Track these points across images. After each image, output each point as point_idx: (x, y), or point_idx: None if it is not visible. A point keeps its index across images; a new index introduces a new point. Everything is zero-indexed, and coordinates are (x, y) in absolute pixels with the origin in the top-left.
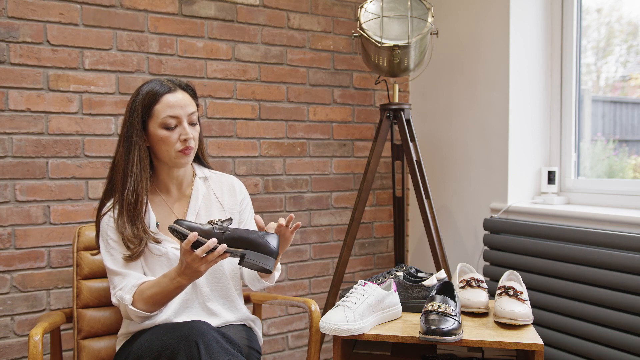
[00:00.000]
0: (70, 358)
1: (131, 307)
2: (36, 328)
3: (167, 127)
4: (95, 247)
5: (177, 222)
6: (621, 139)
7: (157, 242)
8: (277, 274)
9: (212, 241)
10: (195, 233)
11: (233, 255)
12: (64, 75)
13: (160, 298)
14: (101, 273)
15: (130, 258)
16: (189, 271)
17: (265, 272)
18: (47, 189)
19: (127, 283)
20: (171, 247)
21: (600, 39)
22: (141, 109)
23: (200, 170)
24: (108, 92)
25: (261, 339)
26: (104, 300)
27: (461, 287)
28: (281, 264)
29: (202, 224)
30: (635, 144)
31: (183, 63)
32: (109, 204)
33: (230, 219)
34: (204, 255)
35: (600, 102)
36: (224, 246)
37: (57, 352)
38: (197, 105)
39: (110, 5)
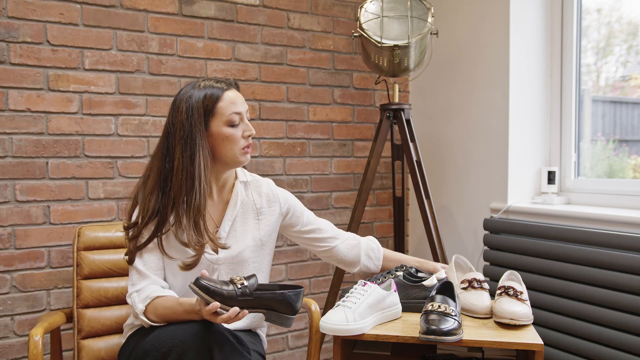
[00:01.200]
0: (70, 358)
1: (142, 317)
2: (36, 328)
3: (232, 124)
4: (95, 247)
5: (197, 283)
6: (621, 139)
7: (225, 247)
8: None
9: (234, 311)
10: (216, 304)
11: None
12: (64, 75)
13: (171, 319)
14: (101, 273)
15: (188, 267)
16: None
17: (285, 326)
18: (47, 189)
19: (144, 288)
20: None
21: (600, 39)
22: (203, 109)
23: (243, 174)
24: (108, 92)
25: (265, 344)
26: (104, 300)
27: (463, 288)
28: (282, 263)
29: (224, 286)
30: (635, 144)
31: (183, 63)
32: (154, 205)
33: (254, 276)
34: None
35: (600, 102)
36: (244, 313)
37: (57, 352)
38: None
39: (110, 5)
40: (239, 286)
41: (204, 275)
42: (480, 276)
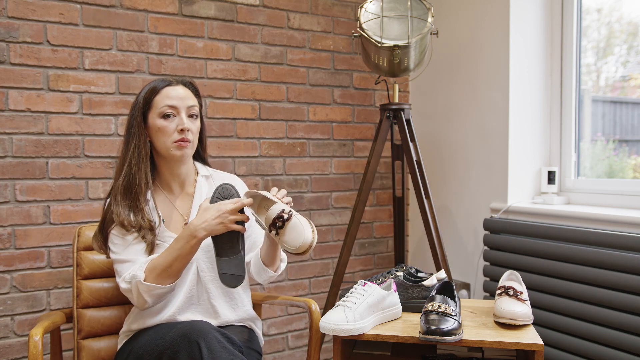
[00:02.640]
0: (70, 358)
1: (144, 282)
2: (36, 328)
3: (165, 116)
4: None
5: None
6: (621, 139)
7: (152, 228)
8: (282, 264)
9: (249, 200)
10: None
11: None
12: (64, 75)
13: (172, 263)
14: (101, 273)
15: (150, 249)
16: (211, 223)
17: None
18: (47, 189)
19: (134, 267)
20: None
21: (600, 39)
22: (142, 102)
23: (204, 169)
24: (108, 92)
25: (262, 340)
26: (104, 300)
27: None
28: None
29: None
30: (635, 144)
31: (183, 63)
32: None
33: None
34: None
35: (600, 102)
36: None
37: (57, 352)
38: (200, 103)
39: (110, 5)
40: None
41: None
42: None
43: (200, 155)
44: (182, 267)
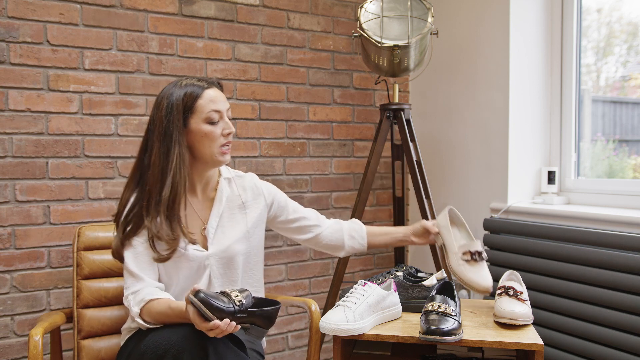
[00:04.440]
0: (70, 358)
1: (138, 319)
2: (36, 328)
3: (211, 122)
4: (95, 247)
5: (198, 296)
6: (621, 139)
7: (194, 243)
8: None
9: (225, 323)
10: (216, 322)
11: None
12: (64, 75)
13: (165, 321)
14: (101, 273)
15: (159, 259)
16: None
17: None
18: (47, 189)
19: (140, 290)
20: (193, 249)
21: (600, 39)
22: (182, 106)
23: (227, 171)
24: (108, 92)
25: (264, 342)
26: (104, 300)
27: (465, 261)
28: (282, 263)
29: (221, 300)
30: (635, 144)
31: (183, 63)
32: (132, 199)
33: (248, 291)
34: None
35: (600, 102)
36: (236, 328)
37: (57, 352)
38: None
39: (110, 5)
40: (237, 302)
41: (195, 288)
42: (478, 247)
43: None
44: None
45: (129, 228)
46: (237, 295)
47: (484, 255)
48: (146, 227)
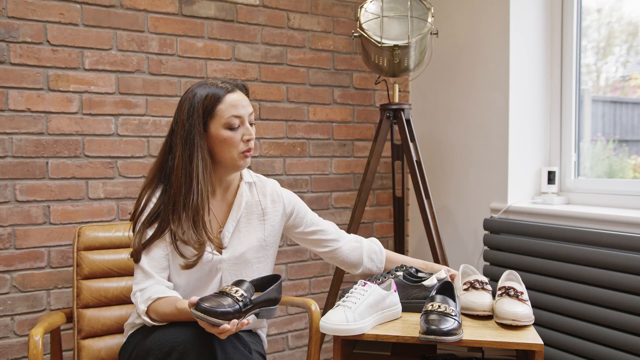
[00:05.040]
0: (70, 358)
1: (144, 317)
2: (36, 328)
3: (231, 128)
4: (95, 247)
5: (200, 308)
6: (621, 139)
7: (221, 247)
8: (375, 260)
9: (233, 323)
10: (224, 326)
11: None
12: (64, 75)
13: (171, 320)
14: (101, 273)
15: (186, 266)
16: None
17: (271, 317)
18: (47, 189)
19: (148, 288)
20: (207, 252)
21: (600, 39)
22: (202, 109)
23: (248, 175)
24: (108, 92)
25: (266, 343)
26: (104, 300)
27: (465, 289)
28: (282, 263)
29: (224, 302)
30: (635, 144)
31: (183, 63)
32: (154, 199)
33: (245, 281)
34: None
35: (600, 102)
36: (245, 323)
37: (57, 352)
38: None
39: (110, 5)
40: (239, 298)
41: (193, 301)
42: (483, 278)
43: None
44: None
45: (153, 231)
46: (236, 291)
47: (487, 286)
48: (170, 231)
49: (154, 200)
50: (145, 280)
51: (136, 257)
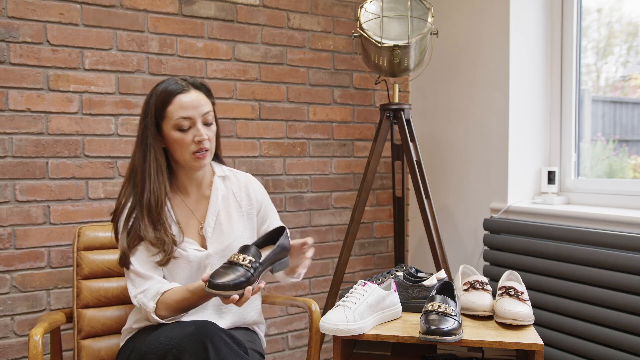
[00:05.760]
0: (70, 358)
1: (153, 315)
2: (36, 328)
3: (181, 129)
4: (95, 247)
5: (213, 285)
6: (621, 139)
7: (175, 244)
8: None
9: (248, 290)
10: (234, 297)
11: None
12: (64, 75)
13: (185, 308)
14: (101, 273)
15: (161, 263)
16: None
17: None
18: (47, 189)
19: (150, 287)
20: (192, 249)
21: (600, 39)
22: (154, 110)
23: (220, 169)
24: (108, 92)
25: (264, 342)
26: (103, 300)
27: (465, 290)
28: None
29: (235, 272)
30: (635, 144)
31: (183, 63)
32: (129, 205)
33: (250, 246)
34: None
35: (600, 102)
36: (259, 287)
37: (57, 352)
38: (213, 103)
39: (110, 5)
40: (248, 265)
41: (205, 278)
42: (482, 278)
43: (216, 155)
44: (195, 307)
45: (130, 237)
46: (244, 259)
47: (487, 287)
48: None
49: (129, 204)
50: (144, 283)
51: (124, 262)
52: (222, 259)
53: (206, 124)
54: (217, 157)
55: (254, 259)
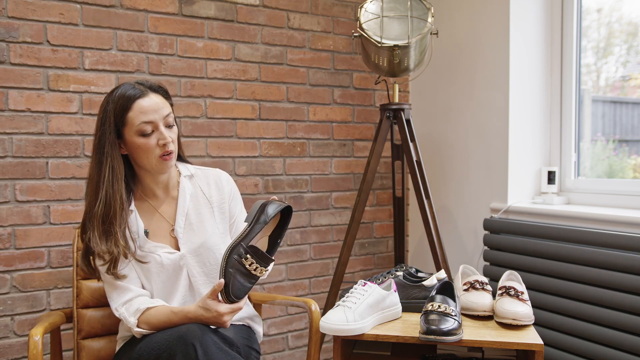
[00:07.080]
0: (70, 358)
1: (136, 329)
2: (36, 328)
3: (144, 134)
4: None
5: (230, 299)
6: (621, 139)
7: (125, 255)
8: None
9: (237, 306)
10: (240, 306)
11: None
12: (64, 75)
13: (168, 327)
14: None
15: (109, 274)
16: (215, 321)
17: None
18: (47, 189)
19: (131, 301)
20: (164, 253)
21: (600, 39)
22: (113, 117)
23: (185, 169)
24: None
25: (260, 337)
26: (103, 300)
27: (465, 290)
28: (282, 263)
29: (253, 280)
30: (635, 144)
31: (183, 63)
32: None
33: (255, 247)
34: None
35: (600, 102)
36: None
37: (57, 352)
38: (172, 105)
39: (110, 5)
40: (258, 274)
41: (217, 288)
42: (483, 278)
43: (179, 156)
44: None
45: (86, 249)
46: (251, 264)
47: (487, 287)
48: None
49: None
50: (122, 295)
51: (96, 275)
52: (196, 257)
53: (168, 126)
54: (181, 158)
55: (260, 261)
